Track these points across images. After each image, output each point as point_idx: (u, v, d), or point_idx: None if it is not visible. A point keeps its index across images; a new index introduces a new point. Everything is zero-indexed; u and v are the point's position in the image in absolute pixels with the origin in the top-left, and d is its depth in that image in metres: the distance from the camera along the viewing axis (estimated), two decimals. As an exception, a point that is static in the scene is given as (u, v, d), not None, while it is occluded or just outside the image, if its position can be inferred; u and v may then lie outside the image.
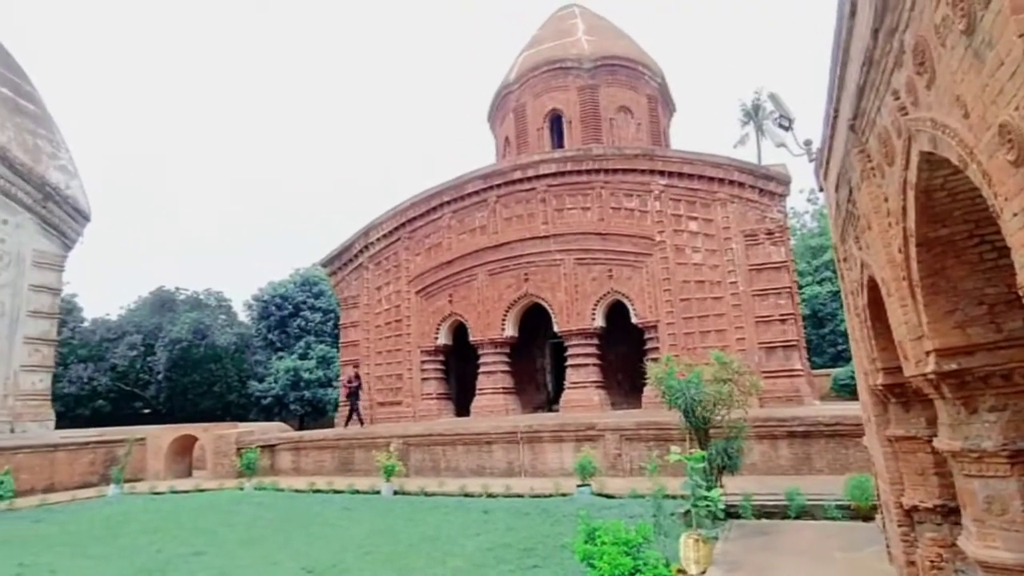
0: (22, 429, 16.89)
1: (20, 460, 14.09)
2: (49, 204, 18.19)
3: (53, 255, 18.37)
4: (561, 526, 8.57)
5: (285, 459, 16.09)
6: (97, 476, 15.52)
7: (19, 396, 17.10)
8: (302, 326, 38.05)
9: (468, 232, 19.42)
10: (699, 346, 15.83)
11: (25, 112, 18.61)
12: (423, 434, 14.53)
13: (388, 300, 20.69)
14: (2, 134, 17.24)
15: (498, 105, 25.11)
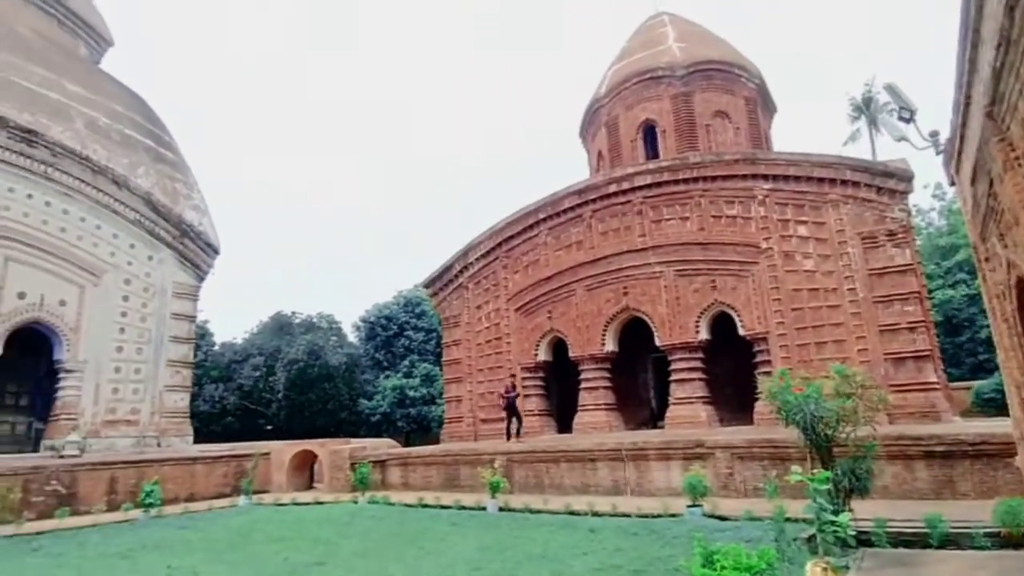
0: (167, 444, 18.71)
1: (166, 471, 15.57)
2: (185, 240, 20.24)
3: (189, 286, 20.36)
4: (672, 548, 8.25)
5: (395, 474, 16.69)
6: (229, 487, 16.82)
7: (164, 414, 18.99)
8: (406, 345, 39.54)
9: (564, 248, 19.45)
10: (815, 358, 14.84)
11: (164, 160, 20.89)
12: (526, 451, 14.58)
13: (488, 318, 21.09)
14: (146, 180, 19.43)
15: (590, 120, 25.11)
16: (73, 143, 17.80)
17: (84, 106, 18.96)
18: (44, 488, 13.55)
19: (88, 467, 14.62)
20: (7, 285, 16.01)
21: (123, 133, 19.72)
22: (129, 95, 21.55)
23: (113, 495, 14.53)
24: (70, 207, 17.61)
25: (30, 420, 17.75)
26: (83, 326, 17.45)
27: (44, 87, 18.04)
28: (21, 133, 16.69)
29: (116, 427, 17.83)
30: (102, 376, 17.71)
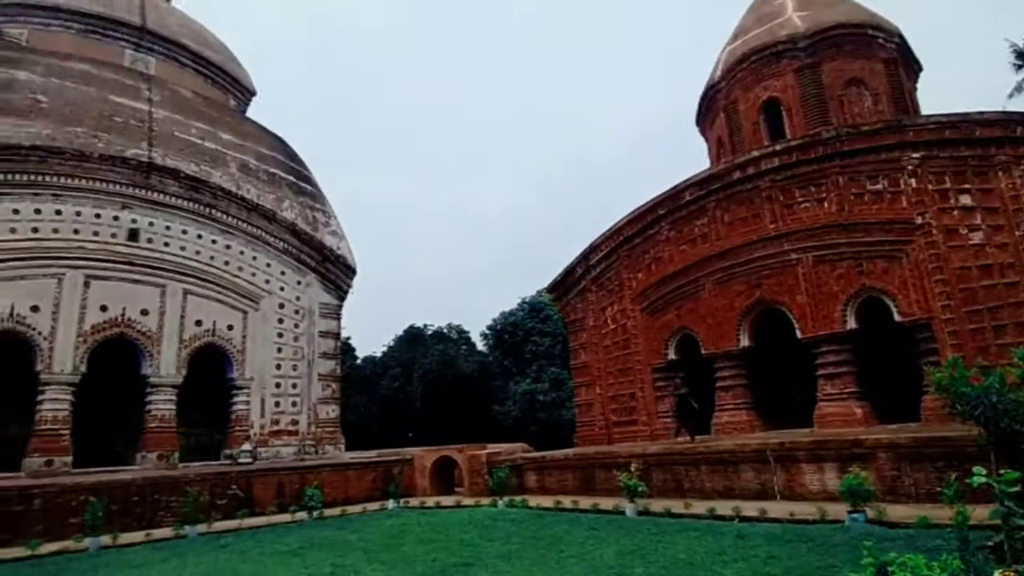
0: (323, 451, 20.41)
1: (324, 477, 16.96)
2: (327, 264, 22.03)
3: (333, 306, 22.13)
4: (833, 557, 7.60)
5: (531, 478, 16.93)
6: (378, 491, 17.95)
7: (319, 424, 20.74)
8: (533, 351, 40.05)
9: (688, 242, 18.73)
10: (992, 344, 13.08)
11: (304, 192, 22.91)
12: (663, 453, 14.17)
13: (613, 320, 20.82)
14: (291, 212, 21.42)
15: (706, 107, 24.07)
16: (230, 185, 20.06)
17: (236, 152, 21.31)
18: (226, 492, 15.30)
19: (260, 473, 16.31)
20: (187, 315, 18.35)
21: (269, 172, 21.91)
22: (272, 138, 23.91)
23: (281, 498, 16.07)
24: (231, 242, 19.84)
25: (211, 432, 20.15)
26: (248, 347, 19.56)
27: (203, 139, 20.52)
28: (189, 181, 19.10)
29: (280, 437, 19.75)
30: (266, 391, 19.72)
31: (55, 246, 16.47)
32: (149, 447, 17.16)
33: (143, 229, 18.05)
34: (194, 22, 26.14)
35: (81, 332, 16.44)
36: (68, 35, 21.45)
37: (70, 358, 16.15)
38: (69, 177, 17.01)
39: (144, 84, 20.72)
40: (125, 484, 14.14)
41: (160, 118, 19.76)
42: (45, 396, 15.80)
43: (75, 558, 11.12)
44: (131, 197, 18.00)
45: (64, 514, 13.10)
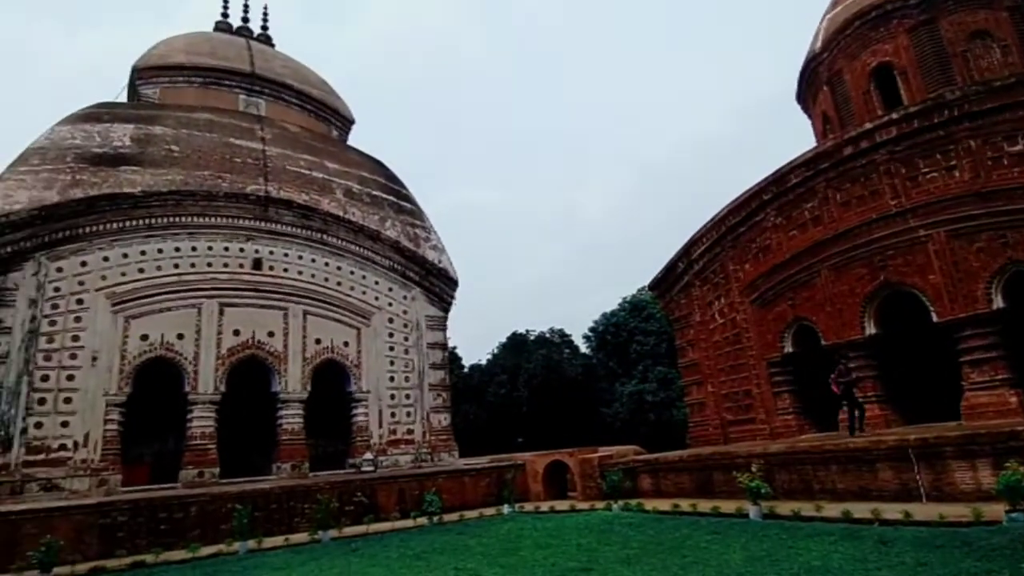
0: (438, 459, 21.12)
1: (441, 483, 17.54)
2: (430, 278, 22.86)
3: (438, 317, 22.91)
4: (990, 562, 6.83)
5: (645, 481, 16.58)
6: (493, 497, 18.28)
7: (432, 432, 21.50)
8: (638, 351, 39.28)
9: (798, 227, 17.62)
10: None
11: (404, 210, 23.94)
12: (786, 452, 13.38)
13: (721, 314, 19.99)
14: (393, 231, 22.45)
15: (807, 81, 22.63)
16: (337, 211, 21.36)
17: (341, 179, 22.67)
18: (352, 499, 16.21)
19: (381, 481, 17.14)
20: (308, 334, 19.72)
21: (371, 195, 23.12)
22: (372, 162, 25.25)
23: (403, 504, 16.79)
24: (341, 263, 21.10)
25: (336, 443, 21.45)
26: (363, 362, 20.67)
27: (311, 169, 22.02)
28: (301, 210, 20.56)
29: (398, 446, 20.67)
30: (382, 403, 20.74)
31: (193, 279, 18.31)
32: (283, 458, 18.55)
33: (265, 258, 19.63)
34: (296, 63, 28.14)
35: (219, 355, 18.12)
36: (192, 89, 23.84)
37: (211, 379, 17.85)
38: (200, 216, 18.86)
39: (257, 125, 22.60)
40: (265, 493, 15.38)
41: (272, 154, 21.45)
42: (193, 414, 17.55)
43: (228, 560, 12.23)
44: (253, 229, 19.64)
45: (216, 520, 14.46)
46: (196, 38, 26.09)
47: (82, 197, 17.28)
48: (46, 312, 16.40)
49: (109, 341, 16.85)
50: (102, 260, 17.33)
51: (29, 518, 12.85)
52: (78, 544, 12.81)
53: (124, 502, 14.00)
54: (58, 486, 15.39)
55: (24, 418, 15.55)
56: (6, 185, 16.98)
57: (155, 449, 19.15)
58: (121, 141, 19.29)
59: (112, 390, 16.61)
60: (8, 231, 16.24)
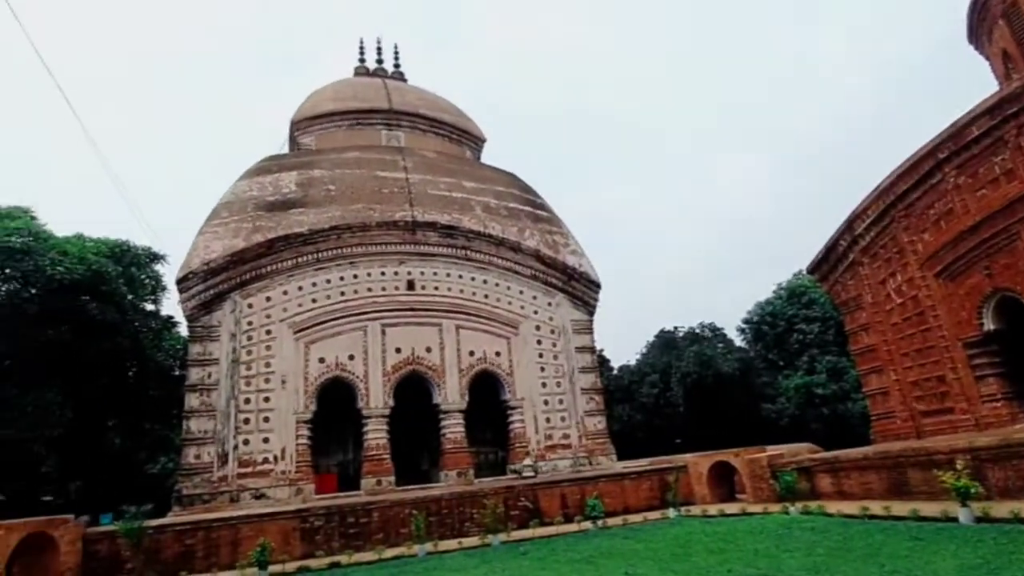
0: (596, 462, 21.06)
1: (601, 487, 17.45)
2: (572, 283, 22.98)
3: (584, 321, 22.93)
4: None
5: (823, 481, 15.23)
6: (656, 500, 17.83)
7: (588, 436, 21.49)
8: (800, 340, 36.37)
9: (987, 185, 15.23)
10: None
11: (541, 219, 24.34)
12: (999, 445, 11.57)
13: (898, 292, 17.86)
14: (532, 241, 22.89)
15: (978, 18, 19.66)
16: (478, 227, 22.25)
17: (479, 196, 23.61)
18: (517, 504, 16.68)
19: (543, 486, 17.44)
20: (461, 347, 20.71)
21: (508, 207, 23.80)
22: (506, 176, 26.02)
23: (565, 509, 16.94)
24: (487, 277, 21.91)
25: (496, 449, 22.24)
26: (515, 370, 21.25)
27: (451, 191, 23.18)
28: (445, 230, 21.69)
29: (555, 451, 20.93)
30: (536, 409, 21.14)
31: (357, 304, 20.05)
32: (448, 466, 19.59)
33: (417, 278, 20.97)
34: (427, 93, 29.89)
35: (385, 372, 19.63)
36: (340, 131, 26.23)
37: (381, 394, 19.37)
38: (358, 245, 20.63)
39: (399, 155, 24.28)
40: (436, 499, 16.33)
41: (415, 181, 22.90)
42: (368, 427, 19.14)
43: (409, 562, 13.14)
44: (404, 253, 21.10)
45: (395, 524, 15.62)
46: (340, 85, 28.70)
47: (262, 241, 19.68)
48: (243, 343, 18.86)
49: (294, 365, 18.97)
50: (283, 294, 19.59)
51: (246, 522, 14.80)
52: (284, 545, 14.49)
53: (319, 508, 15.62)
54: (265, 495, 17.55)
55: (235, 436, 17.98)
56: (204, 238, 19.84)
57: (339, 460, 21.15)
58: (288, 187, 21.73)
59: (300, 409, 18.65)
60: (210, 277, 18.98)
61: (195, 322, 18.95)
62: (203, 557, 14.33)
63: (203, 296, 18.99)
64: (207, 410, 18.12)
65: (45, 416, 18.33)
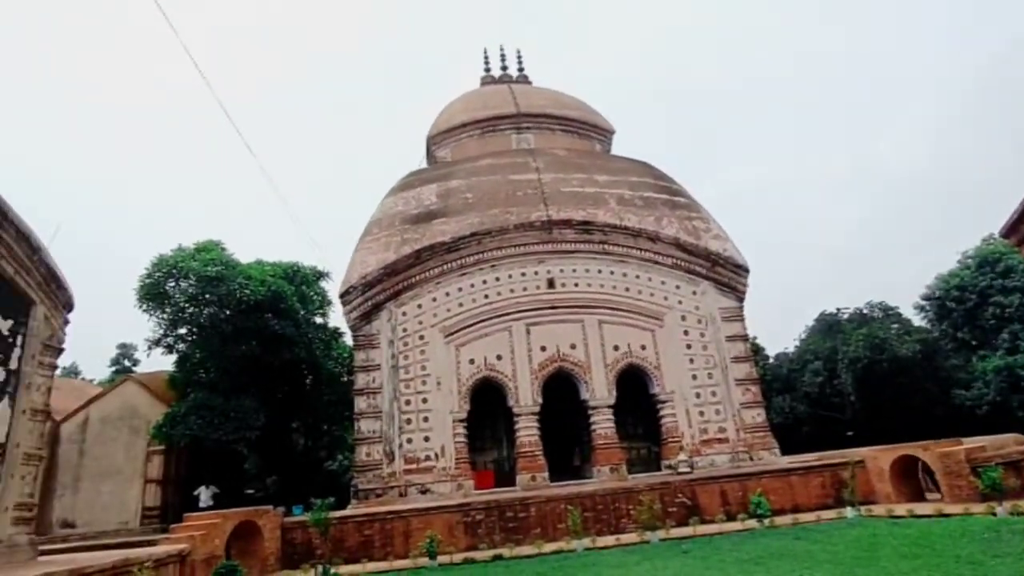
0: (757, 457, 19.87)
1: (765, 483, 16.42)
2: (717, 268, 21.89)
3: (733, 308, 21.73)
4: None
5: (1042, 478, 13.08)
6: (830, 498, 16.43)
7: (746, 429, 20.33)
8: (996, 315, 31.64)
9: None
10: None
11: (679, 205, 23.49)
12: None
13: None
14: (671, 228, 22.15)
15: None
16: (614, 220, 21.98)
17: (611, 188, 23.32)
18: (674, 500, 16.23)
19: (700, 482, 16.81)
20: (605, 342, 20.58)
21: (643, 197, 23.25)
22: (640, 165, 25.46)
23: (727, 506, 16.18)
24: (626, 270, 21.58)
25: (649, 445, 21.81)
26: (662, 363, 20.69)
27: (583, 186, 23.13)
28: (581, 226, 21.69)
29: (711, 445, 20.06)
30: (688, 402, 20.41)
31: (501, 306, 20.71)
32: (600, 462, 19.54)
33: (556, 276, 21.19)
34: (552, 92, 30.12)
35: (532, 370, 20.06)
36: (472, 140, 27.28)
37: (529, 392, 19.83)
38: (497, 249, 21.30)
39: (530, 157, 24.71)
40: (590, 495, 16.38)
41: (547, 180, 23.16)
42: (519, 425, 19.69)
43: (569, 556, 13.31)
44: (542, 252, 21.42)
45: (552, 519, 15.90)
46: (469, 96, 29.87)
47: (410, 252, 21.03)
48: (400, 349, 20.30)
49: (446, 367, 20.04)
50: (432, 300, 20.80)
51: (415, 515, 15.91)
52: (450, 537, 15.35)
53: (479, 503, 16.35)
54: (429, 490, 18.72)
55: (399, 435, 19.39)
56: (360, 254, 21.64)
57: (494, 457, 21.98)
58: (429, 200, 23.02)
59: (455, 408, 19.65)
60: (367, 289, 20.67)
61: (357, 332, 20.76)
62: (380, 546, 15.62)
63: (363, 307, 20.73)
64: (373, 412, 19.75)
65: (245, 420, 21.05)
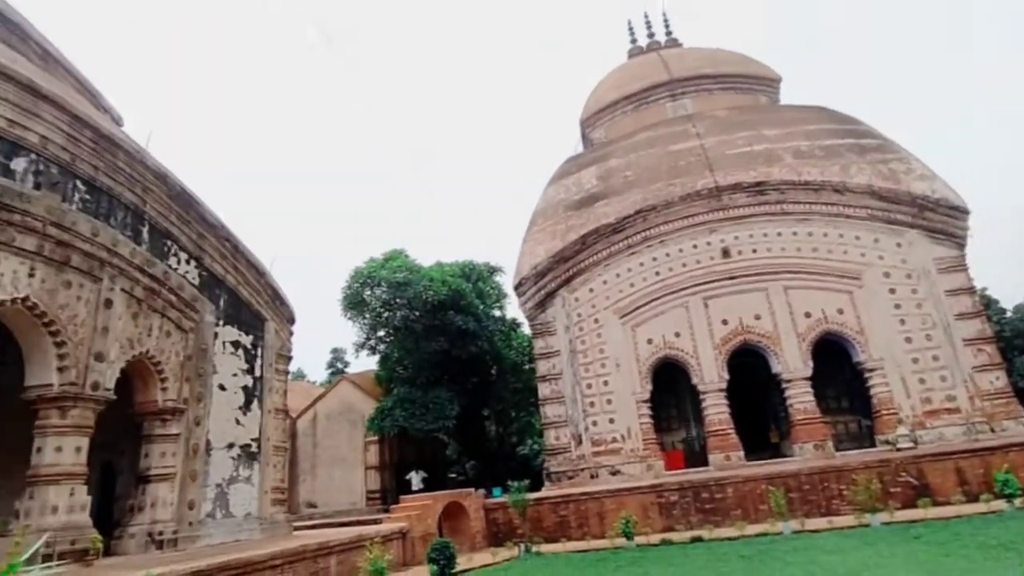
0: (1000, 428, 16.93)
1: (1013, 458, 13.96)
2: (924, 214, 18.98)
3: (951, 258, 18.67)
4: None
5: None
6: (1111, 475, 13.49)
7: (982, 396, 17.41)
8: None
9: None
10: None
11: (868, 148, 20.74)
12: None
13: None
14: (861, 176, 19.65)
15: None
16: (791, 176, 20.09)
17: (784, 142, 21.32)
18: (896, 480, 14.50)
19: (929, 458, 14.81)
20: (794, 310, 18.93)
21: (823, 146, 20.90)
22: (815, 111, 22.92)
23: (964, 485, 14.10)
24: (810, 228, 19.61)
25: (858, 418, 19.69)
26: (865, 327, 18.49)
27: (751, 144, 21.42)
28: (753, 188, 20.15)
29: (937, 416, 17.50)
30: (902, 369, 18.01)
31: (674, 282, 20.03)
32: (801, 438, 18.05)
33: (731, 244, 19.94)
34: (704, 50, 28.26)
35: (715, 345, 19.14)
36: (626, 116, 26.60)
37: (714, 369, 18.95)
38: (664, 224, 20.60)
39: (688, 124, 23.50)
40: (793, 474, 15.26)
41: (710, 145, 21.86)
42: (706, 403, 18.91)
43: (775, 539, 12.54)
44: (713, 221, 20.28)
45: (751, 500, 15.13)
46: (617, 72, 29.15)
47: (576, 238, 21.20)
48: (576, 334, 20.59)
49: (624, 348, 19.91)
50: (602, 283, 20.78)
51: (607, 496, 16.11)
52: (644, 518, 15.29)
53: (672, 484, 16.09)
54: (619, 471, 18.79)
55: (584, 418, 19.72)
56: (528, 246, 22.31)
57: (682, 437, 21.41)
58: (590, 183, 22.97)
59: (636, 389, 19.46)
60: (539, 279, 21.28)
61: (534, 321, 21.46)
62: (577, 526, 16.08)
63: (536, 297, 21.37)
64: (557, 397, 20.31)
65: (441, 411, 22.89)
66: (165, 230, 12.72)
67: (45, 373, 9.81)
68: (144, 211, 12.22)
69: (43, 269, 9.68)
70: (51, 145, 10.24)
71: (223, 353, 13.92)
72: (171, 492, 11.62)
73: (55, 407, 9.81)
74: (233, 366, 14.22)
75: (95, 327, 10.42)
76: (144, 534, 10.97)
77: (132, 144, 12.51)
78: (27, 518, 9.17)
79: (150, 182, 12.39)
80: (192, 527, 11.84)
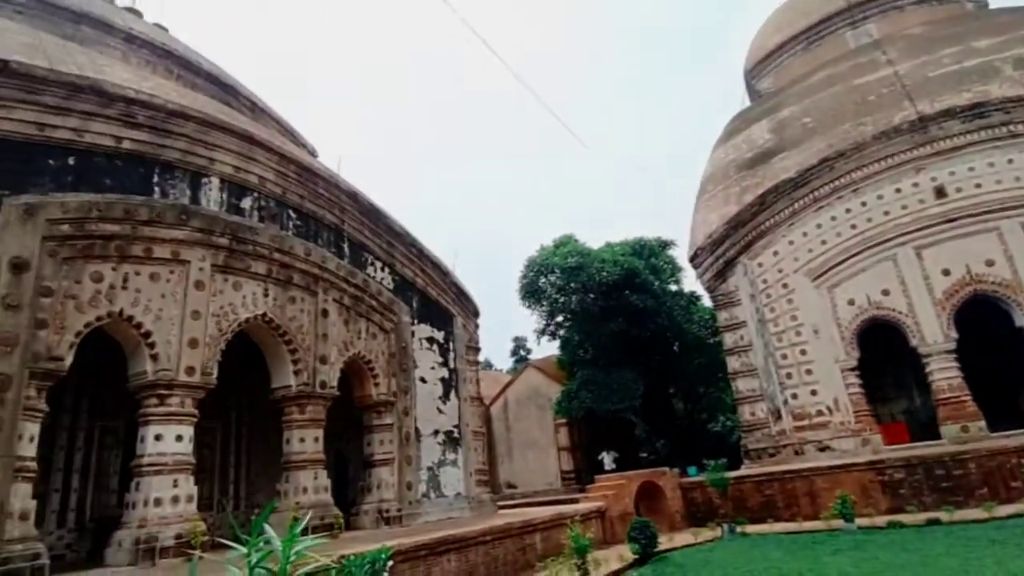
0: None
1: None
2: None
3: None
4: None
5: None
6: None
7: None
8: None
9: None
10: None
11: None
12: None
13: None
14: None
15: None
16: (1015, 91, 16.70)
17: (1003, 52, 17.74)
18: None
19: None
20: None
21: None
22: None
23: None
24: (1054, 149, 16.13)
25: None
26: None
27: (959, 61, 18.12)
28: (967, 111, 17.05)
29: None
30: None
31: (874, 233, 17.67)
32: (1066, 402, 15.02)
33: (945, 182, 17.08)
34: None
35: (935, 301, 16.56)
36: (796, 58, 23.95)
37: (937, 327, 16.40)
38: (856, 170, 18.26)
39: (875, 52, 20.56)
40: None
41: (905, 71, 18.93)
42: (931, 367, 16.44)
43: (1041, 523, 10.62)
44: (919, 158, 17.54)
45: (1000, 477, 13.00)
46: (780, 12, 26.37)
47: (752, 200, 19.70)
48: (763, 302, 19.17)
49: (821, 312, 18.08)
50: (788, 244, 19.06)
51: (818, 474, 14.86)
52: (864, 498, 13.85)
53: (895, 460, 14.36)
54: (829, 447, 17.16)
55: (781, 391, 18.33)
56: (701, 214, 21.24)
57: (904, 407, 18.98)
58: (762, 138, 21.17)
59: (841, 356, 17.57)
60: (716, 248, 20.18)
61: (714, 292, 20.40)
62: (784, 506, 15.07)
63: (714, 267, 20.29)
64: (748, 370, 19.12)
65: (627, 390, 22.77)
66: (361, 243, 14.25)
67: (284, 376, 11.58)
68: (343, 228, 13.80)
69: (273, 288, 11.40)
70: (267, 183, 12.01)
71: (420, 349, 15.26)
72: (392, 475, 13.05)
73: (295, 404, 11.55)
74: (430, 360, 15.53)
75: (316, 334, 12.04)
76: (375, 511, 12.47)
77: (327, 171, 14.20)
78: (286, 498, 10.96)
79: (345, 202, 13.95)
80: (411, 505, 13.20)
